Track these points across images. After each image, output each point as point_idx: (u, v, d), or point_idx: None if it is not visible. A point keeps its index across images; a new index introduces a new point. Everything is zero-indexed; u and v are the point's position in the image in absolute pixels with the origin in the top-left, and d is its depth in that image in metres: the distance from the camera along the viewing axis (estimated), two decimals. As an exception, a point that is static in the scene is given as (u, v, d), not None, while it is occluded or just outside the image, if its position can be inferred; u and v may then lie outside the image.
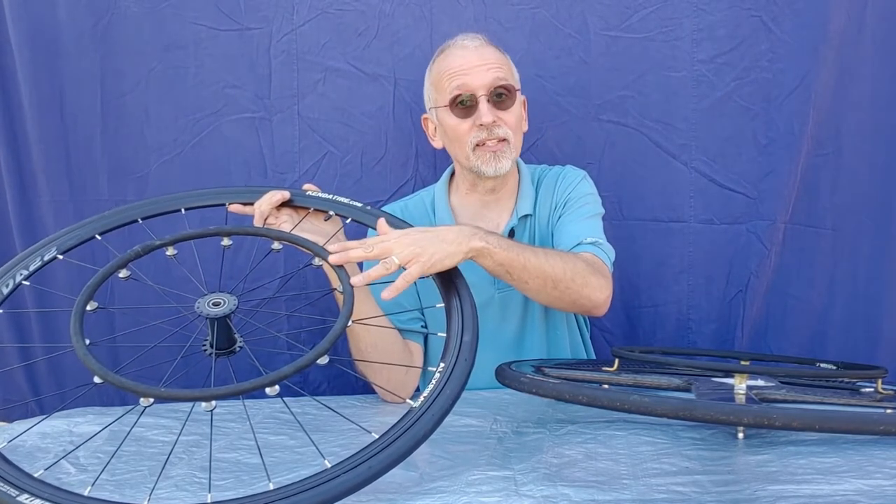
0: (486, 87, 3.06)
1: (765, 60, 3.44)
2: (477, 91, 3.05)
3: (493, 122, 3.05)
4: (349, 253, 2.48)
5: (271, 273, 3.38)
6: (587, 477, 2.12)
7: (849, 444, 2.34)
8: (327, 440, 2.46)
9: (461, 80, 3.07)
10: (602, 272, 2.95)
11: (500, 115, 3.07)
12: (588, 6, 3.48)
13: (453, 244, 2.56)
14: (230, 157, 3.45)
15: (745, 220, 3.50)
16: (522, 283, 2.81)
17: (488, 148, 3.08)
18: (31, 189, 3.39)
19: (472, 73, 3.07)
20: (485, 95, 3.05)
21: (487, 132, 3.06)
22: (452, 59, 3.12)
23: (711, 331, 3.61)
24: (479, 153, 3.09)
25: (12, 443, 2.33)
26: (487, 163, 3.09)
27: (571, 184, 3.26)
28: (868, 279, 3.43)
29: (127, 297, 3.41)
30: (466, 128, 3.08)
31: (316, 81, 3.46)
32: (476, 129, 3.07)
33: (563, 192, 3.25)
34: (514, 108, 3.12)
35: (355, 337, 2.91)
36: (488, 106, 3.05)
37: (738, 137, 3.49)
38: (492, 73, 3.07)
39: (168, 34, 3.38)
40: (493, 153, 3.08)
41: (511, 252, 2.71)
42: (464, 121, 3.08)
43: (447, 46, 3.18)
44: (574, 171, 3.32)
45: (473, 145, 3.08)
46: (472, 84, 3.06)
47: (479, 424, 2.63)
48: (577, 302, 2.90)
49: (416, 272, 2.45)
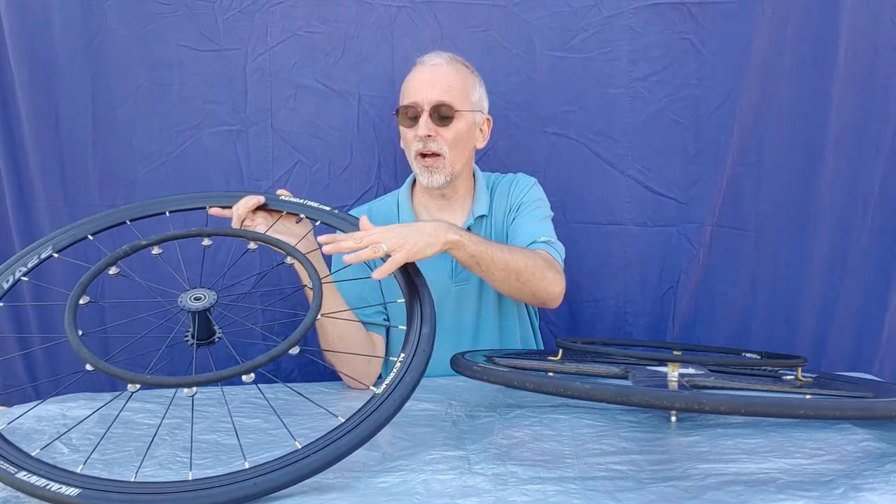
0: (430, 104, 3.07)
1: (694, 79, 3.46)
2: (420, 106, 3.07)
3: (428, 136, 3.07)
4: (340, 244, 2.50)
5: (248, 270, 3.35)
6: (534, 456, 2.13)
7: (772, 427, 2.35)
8: (298, 423, 2.44)
9: (412, 95, 3.10)
10: (556, 268, 2.99)
11: (439, 131, 3.08)
12: (534, 29, 3.48)
13: (432, 236, 2.59)
14: (210, 166, 3.43)
15: (676, 223, 3.52)
16: (490, 275, 2.84)
17: (424, 162, 3.10)
18: (29, 194, 3.36)
19: (421, 90, 3.09)
20: (427, 111, 3.07)
21: (423, 144, 3.08)
22: (413, 74, 3.16)
23: (646, 323, 3.62)
24: (419, 164, 3.12)
25: (10, 425, 2.31)
26: (423, 174, 3.13)
27: (524, 189, 3.27)
28: (787, 277, 3.46)
29: (116, 292, 3.40)
30: (410, 137, 3.11)
31: (288, 97, 3.45)
32: (416, 139, 3.08)
33: (517, 196, 3.26)
34: (454, 125, 3.10)
35: (323, 329, 2.90)
36: (427, 120, 3.06)
37: (669, 148, 3.51)
38: (437, 91, 3.08)
39: (153, 54, 3.36)
40: (427, 167, 3.11)
41: (481, 246, 2.75)
42: (408, 130, 3.11)
43: (417, 61, 3.20)
44: (525, 178, 3.33)
45: (415, 153, 3.11)
46: (418, 99, 3.08)
47: (435, 409, 2.63)
48: (535, 294, 2.93)
49: (402, 258, 2.48)
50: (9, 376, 3.48)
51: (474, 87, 3.20)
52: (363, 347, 2.99)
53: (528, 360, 2.76)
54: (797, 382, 2.60)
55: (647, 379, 2.31)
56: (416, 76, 3.14)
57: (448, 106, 3.07)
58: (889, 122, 3.34)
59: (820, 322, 3.48)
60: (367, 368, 3.01)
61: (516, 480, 1.94)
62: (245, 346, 3.10)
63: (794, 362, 2.64)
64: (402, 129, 3.15)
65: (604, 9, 3.46)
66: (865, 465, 2.01)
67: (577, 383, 1.92)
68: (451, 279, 3.20)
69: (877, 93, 3.35)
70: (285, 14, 3.41)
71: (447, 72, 3.14)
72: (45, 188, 3.35)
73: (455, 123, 3.10)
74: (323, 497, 1.87)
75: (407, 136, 3.13)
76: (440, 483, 1.94)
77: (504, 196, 3.28)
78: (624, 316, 3.62)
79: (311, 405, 2.46)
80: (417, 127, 3.07)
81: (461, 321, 3.22)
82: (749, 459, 2.07)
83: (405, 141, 3.16)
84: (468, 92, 3.16)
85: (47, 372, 3.49)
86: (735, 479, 1.92)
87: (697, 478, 1.94)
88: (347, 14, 3.44)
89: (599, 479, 1.96)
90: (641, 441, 2.25)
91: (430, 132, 3.06)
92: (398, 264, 2.48)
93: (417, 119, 3.08)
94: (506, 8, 3.47)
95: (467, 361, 2.33)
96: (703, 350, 3.27)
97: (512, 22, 3.48)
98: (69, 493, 1.82)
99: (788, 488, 1.85)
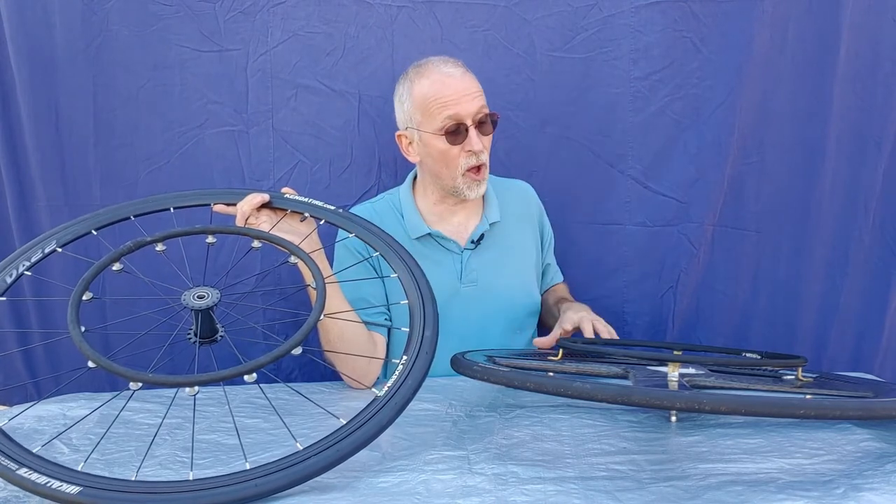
0: (473, 116, 3.04)
1: (694, 78, 3.46)
2: (466, 120, 3.03)
3: (481, 150, 3.06)
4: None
5: (251, 269, 3.36)
6: (534, 456, 2.13)
7: (772, 427, 2.35)
8: (298, 423, 2.44)
9: (453, 109, 3.03)
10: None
11: (484, 142, 3.07)
12: (535, 29, 3.48)
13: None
14: (212, 166, 3.43)
15: (676, 223, 3.52)
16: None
17: (477, 176, 3.10)
18: (30, 194, 3.36)
19: (462, 103, 3.03)
20: (473, 124, 3.04)
21: (476, 158, 3.07)
22: (441, 87, 3.06)
23: (645, 323, 3.63)
24: (468, 178, 3.10)
25: (10, 424, 2.31)
26: (471, 189, 3.12)
27: (539, 207, 3.39)
28: (788, 276, 3.45)
29: (119, 289, 3.39)
30: (456, 153, 3.07)
31: (288, 98, 3.45)
32: (465, 155, 3.06)
33: (537, 214, 3.39)
34: (491, 133, 3.12)
35: (325, 329, 2.89)
36: (477, 133, 3.04)
37: (670, 148, 3.51)
38: (477, 101, 3.06)
39: (155, 55, 3.36)
40: (477, 182, 3.11)
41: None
42: (454, 147, 3.06)
43: (428, 70, 3.12)
44: (530, 188, 3.42)
45: (464, 170, 3.08)
46: (462, 113, 3.03)
47: (435, 409, 2.62)
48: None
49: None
50: (9, 374, 3.48)
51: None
52: (364, 348, 2.97)
53: (528, 360, 2.76)
54: (797, 382, 2.60)
55: (648, 379, 2.31)
56: (447, 90, 3.06)
57: (490, 115, 3.08)
58: (890, 121, 3.32)
59: (820, 322, 3.47)
60: (367, 368, 3.00)
61: (516, 480, 1.94)
62: (247, 346, 3.10)
63: (795, 362, 2.63)
64: (443, 147, 3.08)
65: (604, 8, 3.46)
66: (865, 465, 2.01)
67: (577, 383, 1.92)
68: (458, 280, 3.21)
69: (878, 92, 3.34)
70: (286, 14, 3.41)
71: (473, 78, 3.12)
72: (46, 187, 3.35)
73: (492, 130, 3.11)
74: (323, 497, 1.87)
75: (450, 154, 3.08)
76: (440, 483, 1.95)
77: (515, 203, 3.34)
78: (623, 316, 3.62)
79: (312, 405, 2.46)
80: (468, 142, 3.05)
81: (468, 323, 3.21)
82: (749, 459, 2.07)
83: (445, 159, 3.10)
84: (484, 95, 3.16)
85: (48, 369, 3.49)
86: (735, 479, 1.93)
87: (697, 478, 1.94)
88: (348, 14, 3.44)
89: (599, 479, 1.96)
90: (641, 441, 2.25)
91: (482, 146, 3.06)
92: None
93: (463, 136, 3.05)
94: (506, 8, 3.47)
95: (468, 361, 2.33)
96: (702, 350, 3.27)
97: (512, 22, 3.48)
98: (70, 490, 1.82)
99: (788, 488, 1.86)
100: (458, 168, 3.09)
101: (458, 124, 3.03)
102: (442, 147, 3.07)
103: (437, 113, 3.05)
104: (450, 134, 3.04)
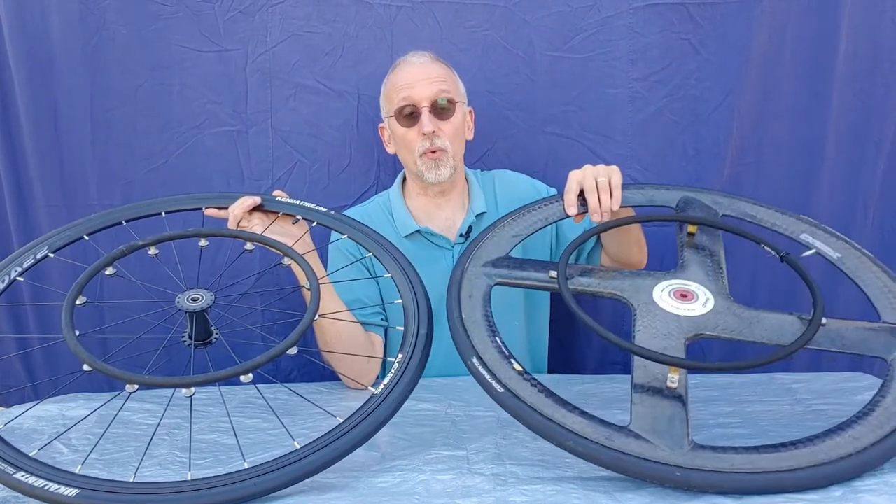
0: (429, 100, 3.08)
1: (693, 79, 3.45)
2: (420, 103, 3.08)
3: (433, 133, 3.08)
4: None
5: (245, 271, 3.35)
6: (533, 456, 2.13)
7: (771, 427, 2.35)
8: (296, 423, 2.45)
9: (407, 92, 3.10)
10: None
11: (440, 126, 3.10)
12: (534, 29, 3.47)
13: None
14: (211, 166, 3.43)
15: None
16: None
17: (430, 157, 3.11)
18: (28, 194, 3.37)
19: (416, 87, 3.09)
20: (427, 107, 3.08)
21: (430, 141, 3.09)
22: (400, 74, 3.16)
23: (645, 323, 3.61)
24: (424, 161, 3.12)
25: (9, 426, 2.31)
26: (430, 170, 3.13)
27: (528, 183, 3.37)
28: (787, 276, 3.44)
29: (113, 293, 3.40)
30: (412, 136, 3.11)
31: (287, 97, 3.44)
32: (421, 138, 3.10)
33: (532, 193, 3.30)
34: (453, 119, 3.13)
35: (321, 330, 2.90)
36: (430, 116, 3.07)
37: (668, 148, 3.50)
38: (434, 86, 3.10)
39: (154, 55, 3.36)
40: (434, 161, 3.12)
41: None
42: (409, 130, 3.11)
43: (398, 62, 3.21)
44: (513, 173, 3.42)
45: (420, 153, 3.11)
46: (415, 97, 3.08)
47: (434, 409, 2.63)
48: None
49: None
50: (8, 376, 3.49)
51: (457, 78, 3.24)
52: (361, 348, 2.97)
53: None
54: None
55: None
56: (405, 75, 3.15)
57: (448, 98, 3.09)
58: (889, 121, 3.33)
59: (820, 322, 3.46)
60: (365, 368, 3.00)
61: (516, 480, 1.95)
62: (243, 347, 3.09)
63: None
64: (400, 132, 3.14)
65: (603, 9, 3.45)
66: (865, 466, 2.01)
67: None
68: (451, 275, 3.19)
69: (877, 92, 3.35)
70: (285, 14, 3.40)
71: (437, 67, 3.17)
72: (44, 188, 3.35)
73: (454, 116, 3.12)
74: (322, 497, 1.88)
75: (407, 137, 3.13)
76: (440, 483, 1.95)
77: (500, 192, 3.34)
78: (623, 315, 3.60)
79: (310, 405, 2.45)
80: (421, 125, 3.08)
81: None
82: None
83: (404, 142, 3.15)
84: (456, 83, 3.20)
85: (46, 372, 3.50)
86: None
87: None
88: (347, 14, 3.43)
89: (599, 479, 1.96)
90: (641, 441, 2.25)
91: (434, 128, 3.07)
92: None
93: (416, 117, 3.09)
94: (505, 8, 3.46)
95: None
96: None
97: (512, 22, 3.47)
98: (68, 493, 1.82)
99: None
100: (416, 151, 3.13)
101: (410, 106, 3.10)
102: (399, 131, 3.15)
103: (393, 97, 3.15)
104: (403, 116, 3.11)
